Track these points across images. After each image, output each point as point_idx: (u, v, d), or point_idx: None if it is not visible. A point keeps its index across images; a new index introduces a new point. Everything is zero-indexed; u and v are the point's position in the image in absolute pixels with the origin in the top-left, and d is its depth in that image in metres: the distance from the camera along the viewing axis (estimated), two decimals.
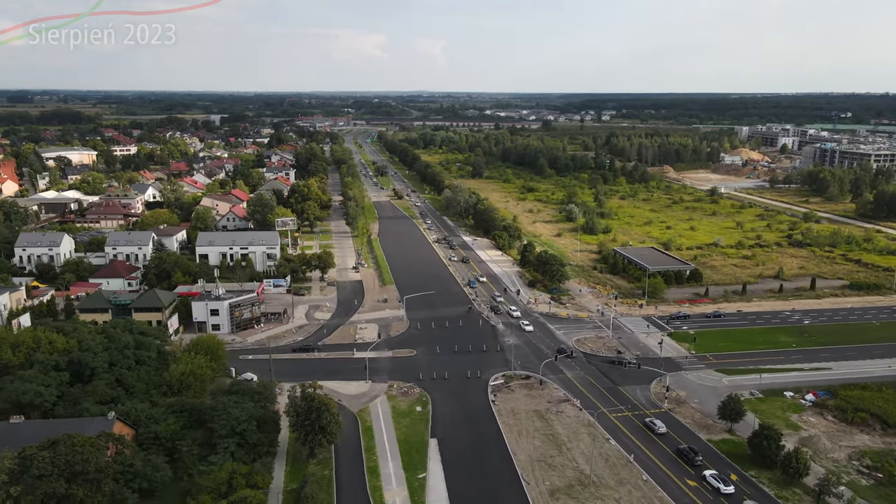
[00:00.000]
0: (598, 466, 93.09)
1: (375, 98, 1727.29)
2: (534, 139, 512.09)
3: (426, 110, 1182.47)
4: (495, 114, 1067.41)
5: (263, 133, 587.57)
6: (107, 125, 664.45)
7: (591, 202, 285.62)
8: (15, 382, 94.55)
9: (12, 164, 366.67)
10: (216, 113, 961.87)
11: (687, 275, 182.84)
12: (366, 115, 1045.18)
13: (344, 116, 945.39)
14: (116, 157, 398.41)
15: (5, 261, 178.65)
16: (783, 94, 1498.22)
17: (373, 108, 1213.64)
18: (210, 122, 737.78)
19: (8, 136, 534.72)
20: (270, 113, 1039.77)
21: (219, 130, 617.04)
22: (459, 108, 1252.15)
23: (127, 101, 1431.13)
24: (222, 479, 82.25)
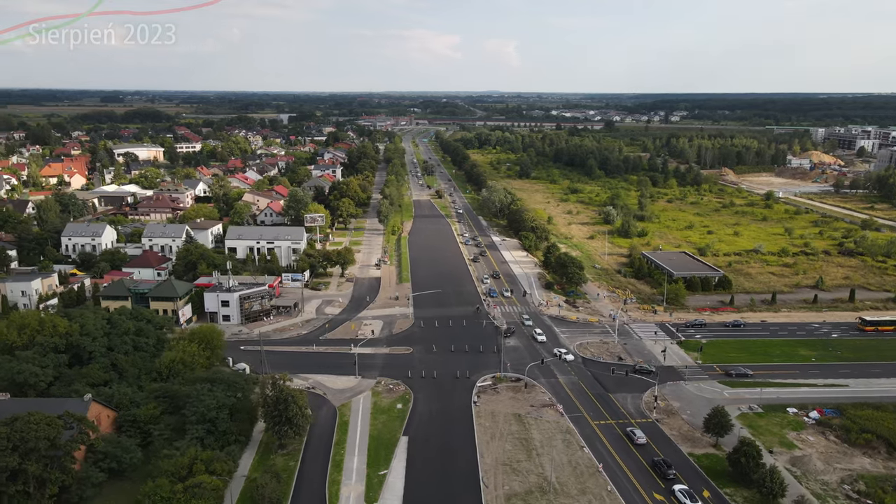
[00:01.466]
0: (564, 474, 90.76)
1: (444, 98, 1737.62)
2: (589, 140, 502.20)
3: (491, 110, 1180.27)
4: (560, 114, 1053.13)
5: (324, 132, 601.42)
6: (182, 123, 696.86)
7: (634, 205, 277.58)
8: (12, 362, 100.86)
9: (86, 159, 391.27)
10: (287, 112, 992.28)
11: (715, 282, 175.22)
12: (430, 115, 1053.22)
13: (407, 116, 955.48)
14: (179, 154, 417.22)
15: (52, 249, 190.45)
16: (875, 95, 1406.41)
17: (439, 107, 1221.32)
18: (277, 121, 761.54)
19: (90, 133, 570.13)
20: (338, 112, 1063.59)
21: (283, 129, 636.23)
22: (526, 108, 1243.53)
23: (208, 101, 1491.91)
24: (183, 464, 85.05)
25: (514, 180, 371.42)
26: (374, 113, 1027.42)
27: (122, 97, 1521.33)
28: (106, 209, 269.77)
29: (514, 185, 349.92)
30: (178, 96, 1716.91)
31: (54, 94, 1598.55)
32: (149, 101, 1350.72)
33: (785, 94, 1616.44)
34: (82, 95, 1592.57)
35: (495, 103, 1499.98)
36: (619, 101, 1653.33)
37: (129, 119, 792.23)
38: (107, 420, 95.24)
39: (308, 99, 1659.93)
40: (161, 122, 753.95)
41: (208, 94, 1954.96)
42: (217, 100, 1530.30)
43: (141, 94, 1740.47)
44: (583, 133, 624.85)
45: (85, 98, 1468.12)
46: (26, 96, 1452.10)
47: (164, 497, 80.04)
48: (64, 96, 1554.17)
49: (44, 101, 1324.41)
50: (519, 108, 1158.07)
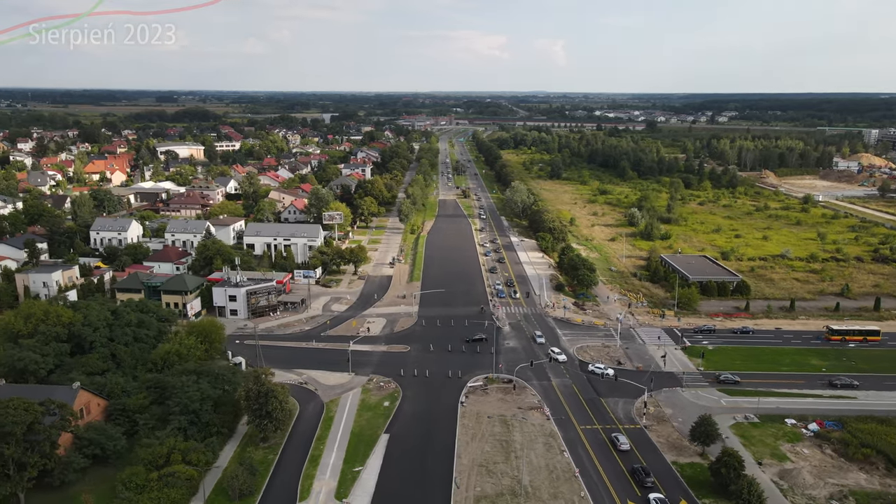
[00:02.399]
0: (539, 478, 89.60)
1: (488, 98, 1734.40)
2: (625, 141, 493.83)
3: (534, 111, 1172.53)
4: (604, 115, 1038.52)
5: (363, 131, 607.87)
6: (227, 123, 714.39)
7: (663, 207, 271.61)
8: (14, 349, 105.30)
9: (129, 156, 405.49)
10: (330, 112, 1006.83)
11: (732, 287, 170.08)
12: (472, 115, 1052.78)
13: (447, 116, 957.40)
14: (218, 152, 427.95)
15: (80, 243, 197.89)
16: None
17: (481, 108, 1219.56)
18: (319, 120, 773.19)
19: (138, 131, 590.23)
20: (381, 112, 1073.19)
21: (322, 128, 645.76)
22: (570, 108, 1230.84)
23: (257, 101, 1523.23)
24: (161, 453, 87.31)
25: (544, 181, 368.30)
26: (415, 113, 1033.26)
27: (176, 97, 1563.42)
28: (141, 205, 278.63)
29: (543, 186, 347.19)
30: (229, 96, 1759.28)
31: (113, 95, 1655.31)
32: (200, 101, 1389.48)
33: (842, 94, 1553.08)
34: (139, 96, 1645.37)
35: (539, 103, 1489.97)
36: (667, 101, 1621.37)
37: (179, 118, 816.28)
38: (97, 408, 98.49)
39: (354, 99, 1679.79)
40: (208, 121, 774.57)
41: (258, 94, 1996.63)
42: (266, 100, 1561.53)
43: (195, 94, 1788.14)
44: (623, 134, 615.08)
45: (142, 98, 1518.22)
46: (87, 96, 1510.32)
47: (138, 484, 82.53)
48: (122, 96, 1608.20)
49: (103, 101, 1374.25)
50: (562, 109, 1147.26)
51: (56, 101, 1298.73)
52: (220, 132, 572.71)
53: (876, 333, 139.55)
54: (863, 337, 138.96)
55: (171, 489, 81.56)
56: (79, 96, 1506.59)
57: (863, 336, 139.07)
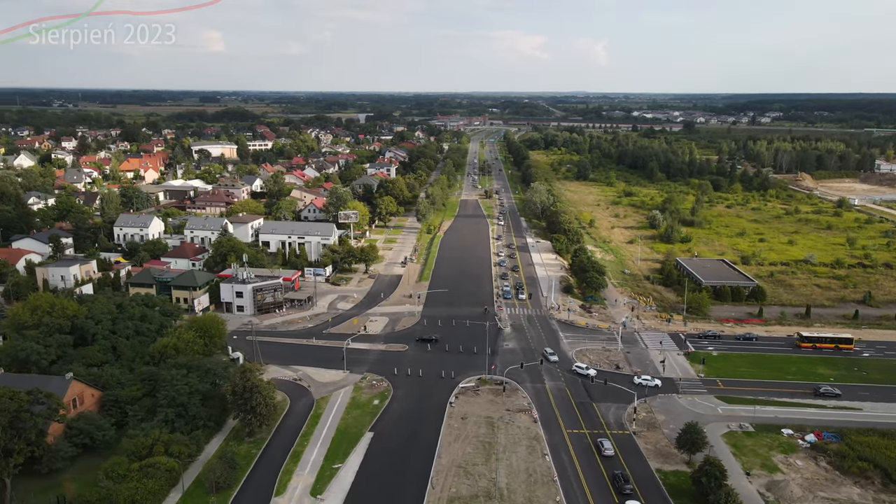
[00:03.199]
0: (517, 481, 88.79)
1: (526, 99, 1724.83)
2: (659, 142, 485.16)
3: (571, 111, 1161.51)
4: (642, 115, 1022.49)
5: (395, 131, 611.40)
6: (263, 122, 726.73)
7: (687, 209, 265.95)
8: (18, 340, 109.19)
9: (164, 155, 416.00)
10: (366, 112, 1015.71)
11: (747, 292, 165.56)
12: (508, 115, 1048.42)
13: (481, 116, 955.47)
14: (250, 151, 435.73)
15: (104, 238, 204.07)
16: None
17: (518, 108, 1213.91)
18: (353, 120, 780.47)
19: (177, 131, 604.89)
20: (416, 112, 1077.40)
21: (355, 128, 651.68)
22: (608, 109, 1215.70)
23: (297, 101, 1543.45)
24: (145, 444, 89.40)
25: (570, 181, 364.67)
26: (449, 113, 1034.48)
27: (218, 98, 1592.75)
28: (170, 202, 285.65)
29: (568, 187, 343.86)
30: (270, 97, 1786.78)
31: (160, 95, 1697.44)
32: (242, 102, 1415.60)
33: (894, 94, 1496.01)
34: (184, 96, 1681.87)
35: (578, 104, 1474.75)
36: (709, 101, 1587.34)
37: (219, 118, 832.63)
38: (91, 398, 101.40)
39: (392, 99, 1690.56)
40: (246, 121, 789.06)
41: (299, 94, 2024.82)
42: (305, 100, 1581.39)
43: (237, 95, 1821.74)
44: (658, 135, 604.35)
45: (186, 98, 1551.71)
46: (135, 97, 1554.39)
47: (120, 474, 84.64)
48: (168, 97, 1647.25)
49: (150, 101, 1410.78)
50: (599, 109, 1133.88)
51: (105, 101, 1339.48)
52: (255, 132, 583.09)
53: (849, 342, 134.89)
54: (835, 345, 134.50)
55: (149, 480, 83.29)
56: (128, 97, 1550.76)
57: (835, 344, 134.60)
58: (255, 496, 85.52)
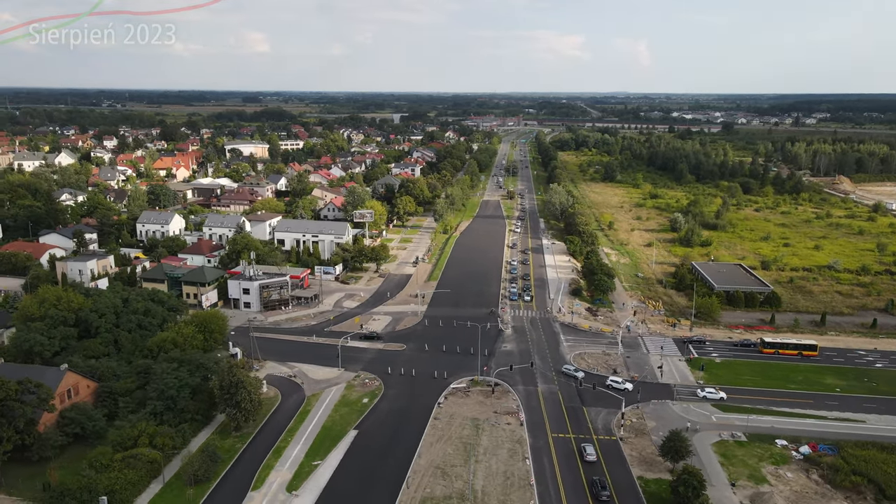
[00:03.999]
0: (493, 484, 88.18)
1: (565, 99, 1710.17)
2: (692, 143, 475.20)
3: (608, 112, 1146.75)
4: (681, 116, 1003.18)
5: (427, 131, 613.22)
6: (299, 122, 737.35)
7: (712, 212, 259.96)
8: (23, 331, 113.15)
9: (199, 153, 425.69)
10: (403, 112, 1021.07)
11: (762, 298, 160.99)
12: (543, 116, 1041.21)
13: (516, 117, 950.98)
14: (279, 151, 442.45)
15: (127, 234, 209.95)
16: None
17: (554, 108, 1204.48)
18: (387, 120, 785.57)
19: (215, 130, 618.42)
20: (452, 112, 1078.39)
21: (388, 128, 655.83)
22: (646, 109, 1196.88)
23: (336, 101, 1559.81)
24: (131, 436, 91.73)
25: (596, 183, 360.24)
26: (484, 113, 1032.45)
27: (260, 98, 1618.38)
28: (197, 200, 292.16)
29: (593, 189, 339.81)
30: (310, 97, 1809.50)
31: (204, 95, 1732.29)
32: (282, 102, 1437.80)
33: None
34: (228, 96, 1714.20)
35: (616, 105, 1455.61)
36: (754, 102, 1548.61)
37: (257, 118, 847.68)
38: (86, 390, 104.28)
39: (430, 99, 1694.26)
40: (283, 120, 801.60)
41: (339, 94, 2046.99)
42: (345, 100, 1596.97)
43: (279, 95, 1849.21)
44: (695, 136, 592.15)
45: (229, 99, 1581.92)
46: (181, 97, 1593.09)
47: (103, 463, 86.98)
48: (212, 97, 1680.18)
49: (194, 101, 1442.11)
50: (637, 110, 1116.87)
51: (152, 101, 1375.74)
52: (289, 131, 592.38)
53: (813, 348, 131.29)
54: (798, 351, 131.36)
55: (130, 470, 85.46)
56: (173, 97, 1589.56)
57: (798, 350, 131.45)
58: (232, 490, 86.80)
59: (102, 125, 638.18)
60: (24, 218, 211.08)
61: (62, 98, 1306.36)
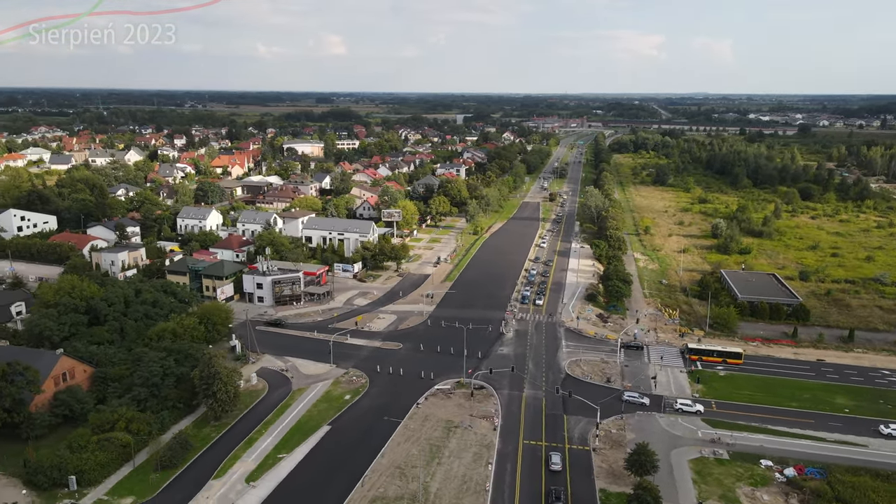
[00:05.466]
0: (449, 487, 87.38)
1: (637, 100, 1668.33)
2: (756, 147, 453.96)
3: (681, 113, 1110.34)
4: (758, 118, 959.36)
5: (484, 132, 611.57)
6: (362, 122, 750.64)
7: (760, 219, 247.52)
8: (35, 316, 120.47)
9: (256, 152, 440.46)
10: (468, 113, 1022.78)
11: (788, 310, 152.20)
12: (611, 118, 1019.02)
13: (580, 118, 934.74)
14: (333, 150, 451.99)
15: (167, 228, 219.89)
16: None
17: (624, 110, 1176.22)
18: (449, 121, 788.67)
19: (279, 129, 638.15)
20: (518, 113, 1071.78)
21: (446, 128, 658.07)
22: (723, 111, 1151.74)
23: (406, 101, 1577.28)
24: (109, 420, 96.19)
25: (647, 186, 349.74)
26: (551, 114, 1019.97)
27: (333, 99, 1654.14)
28: (246, 196, 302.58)
29: (641, 192, 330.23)
30: (382, 98, 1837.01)
31: (280, 96, 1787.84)
32: (354, 103, 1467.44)
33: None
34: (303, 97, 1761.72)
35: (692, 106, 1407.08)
36: (844, 102, 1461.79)
37: (324, 118, 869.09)
38: (83, 374, 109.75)
39: (500, 100, 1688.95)
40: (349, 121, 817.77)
41: (410, 95, 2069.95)
42: (415, 101, 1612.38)
43: (352, 96, 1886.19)
44: (766, 139, 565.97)
45: (304, 99, 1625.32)
46: (258, 98, 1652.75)
47: (80, 445, 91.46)
48: (288, 98, 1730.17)
49: (269, 102, 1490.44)
50: (711, 112, 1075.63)
51: (231, 102, 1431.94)
52: (350, 130, 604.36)
53: (738, 356, 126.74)
54: (722, 359, 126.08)
55: (102, 452, 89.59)
56: (252, 98, 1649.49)
57: (722, 358, 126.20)
58: (194, 477, 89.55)
59: (177, 124, 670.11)
60: (76, 210, 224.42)
61: (149, 99, 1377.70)
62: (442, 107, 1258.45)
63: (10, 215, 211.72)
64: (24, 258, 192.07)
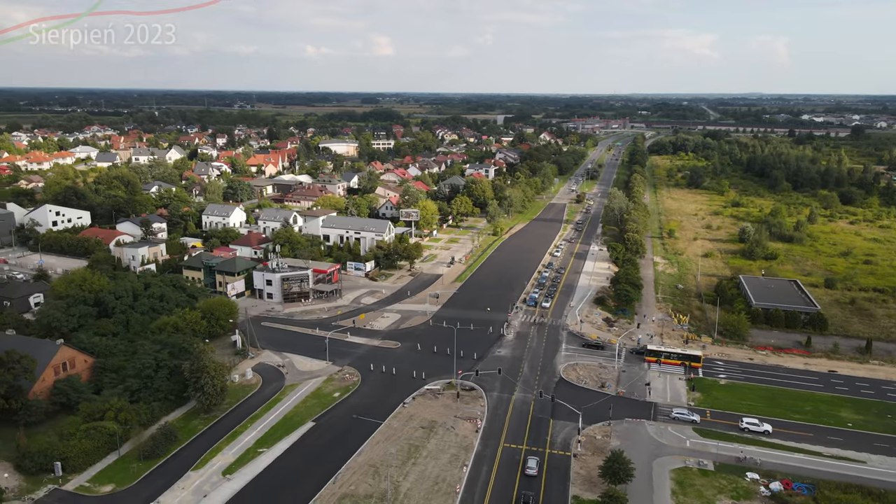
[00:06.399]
0: (420, 488, 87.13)
1: (686, 101, 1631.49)
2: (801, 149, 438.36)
3: (731, 114, 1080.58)
4: (811, 119, 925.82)
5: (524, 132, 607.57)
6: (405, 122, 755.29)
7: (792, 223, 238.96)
8: (45, 307, 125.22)
9: (292, 151, 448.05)
10: (509, 114, 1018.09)
11: (804, 318, 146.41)
12: (656, 118, 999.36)
13: (621, 119, 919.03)
14: (367, 150, 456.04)
15: (192, 224, 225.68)
16: None
17: (670, 110, 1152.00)
18: (489, 121, 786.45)
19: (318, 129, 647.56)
20: (561, 114, 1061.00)
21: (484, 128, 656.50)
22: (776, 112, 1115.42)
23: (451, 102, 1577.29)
24: (99, 409, 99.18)
25: (680, 189, 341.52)
26: (592, 115, 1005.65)
27: (379, 99, 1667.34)
28: (275, 194, 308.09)
29: (672, 195, 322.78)
30: (426, 98, 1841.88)
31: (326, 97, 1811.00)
32: (398, 103, 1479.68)
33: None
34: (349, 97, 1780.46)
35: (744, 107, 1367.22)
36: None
37: (366, 118, 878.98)
38: (84, 364, 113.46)
39: (546, 101, 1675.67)
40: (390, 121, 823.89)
41: (455, 95, 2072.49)
42: (459, 101, 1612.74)
43: (397, 96, 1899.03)
44: (817, 140, 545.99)
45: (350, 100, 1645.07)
46: (305, 98, 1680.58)
47: (69, 432, 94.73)
48: (334, 98, 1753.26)
49: (316, 102, 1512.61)
50: (761, 112, 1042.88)
51: (278, 102, 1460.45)
52: (389, 130, 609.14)
53: (696, 359, 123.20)
54: (681, 361, 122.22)
55: (89, 440, 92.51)
56: (299, 98, 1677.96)
57: (681, 361, 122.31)
58: (174, 468, 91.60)
59: (222, 124, 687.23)
60: (108, 206, 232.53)
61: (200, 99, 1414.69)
62: (484, 107, 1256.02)
63: (46, 210, 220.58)
64: (55, 252, 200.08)
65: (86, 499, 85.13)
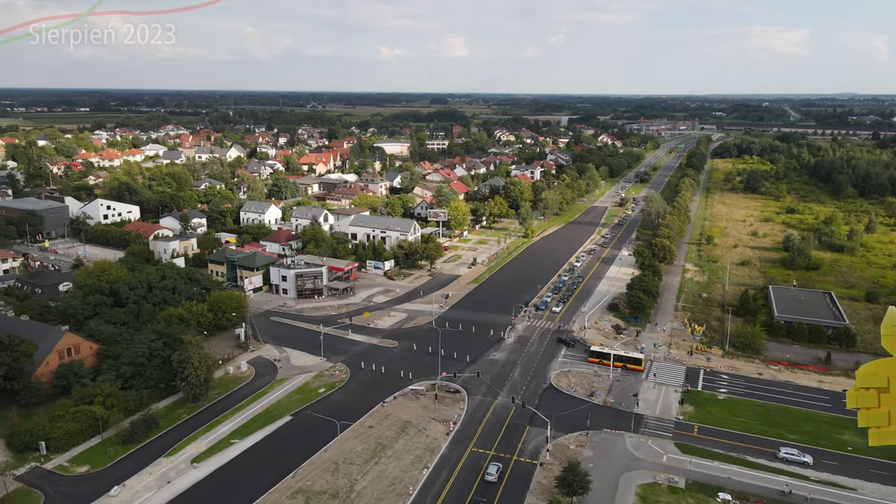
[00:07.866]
0: (375, 487, 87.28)
1: (768, 102, 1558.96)
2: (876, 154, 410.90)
3: (810, 115, 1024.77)
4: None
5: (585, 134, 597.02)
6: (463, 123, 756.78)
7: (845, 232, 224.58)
8: (62, 296, 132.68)
9: (345, 150, 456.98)
10: (576, 115, 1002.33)
11: (830, 333, 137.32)
12: (730, 119, 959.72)
13: (690, 120, 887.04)
14: (418, 150, 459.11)
15: (230, 220, 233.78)
16: None
17: (748, 111, 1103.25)
18: (553, 122, 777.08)
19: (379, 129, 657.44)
20: (629, 115, 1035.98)
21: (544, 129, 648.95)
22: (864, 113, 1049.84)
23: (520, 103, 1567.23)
24: (89, 394, 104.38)
25: (734, 193, 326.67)
26: (661, 116, 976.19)
27: (449, 100, 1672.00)
28: (320, 192, 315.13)
29: (725, 199, 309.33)
30: (496, 98, 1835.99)
31: (396, 97, 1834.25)
32: (467, 103, 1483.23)
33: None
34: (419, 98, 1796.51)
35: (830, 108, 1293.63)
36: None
37: (429, 118, 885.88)
38: (88, 350, 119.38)
39: (617, 101, 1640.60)
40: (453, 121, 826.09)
41: (525, 96, 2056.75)
42: (528, 102, 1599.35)
43: (468, 97, 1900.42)
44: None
45: (419, 100, 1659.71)
46: (375, 99, 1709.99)
47: (59, 415, 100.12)
48: (404, 98, 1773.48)
49: (385, 103, 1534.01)
50: (846, 114, 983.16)
51: (349, 102, 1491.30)
52: (448, 131, 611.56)
53: (637, 362, 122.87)
54: (623, 364, 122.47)
55: (74, 422, 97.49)
56: (370, 99, 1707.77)
57: (623, 363, 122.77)
58: (149, 453, 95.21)
59: (288, 123, 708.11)
60: (154, 202, 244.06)
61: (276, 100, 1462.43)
62: (552, 108, 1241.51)
63: (97, 204, 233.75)
64: (101, 243, 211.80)
65: (61, 477, 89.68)
